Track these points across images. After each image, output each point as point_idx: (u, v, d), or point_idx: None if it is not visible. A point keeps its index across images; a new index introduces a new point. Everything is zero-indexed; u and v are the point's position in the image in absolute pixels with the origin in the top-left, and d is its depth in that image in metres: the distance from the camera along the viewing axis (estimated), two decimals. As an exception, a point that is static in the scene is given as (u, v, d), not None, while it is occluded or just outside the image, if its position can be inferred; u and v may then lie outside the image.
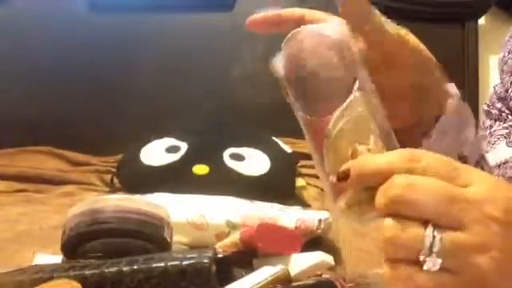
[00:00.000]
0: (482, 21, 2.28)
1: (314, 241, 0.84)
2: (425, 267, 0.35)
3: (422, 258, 0.35)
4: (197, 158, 1.65)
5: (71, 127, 2.11)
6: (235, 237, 0.50)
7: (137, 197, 0.47)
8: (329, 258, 0.47)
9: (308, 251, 0.53)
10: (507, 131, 0.74)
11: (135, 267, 0.41)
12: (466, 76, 2.21)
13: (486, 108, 0.80)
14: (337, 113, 0.40)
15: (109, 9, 2.19)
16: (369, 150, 0.39)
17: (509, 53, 0.76)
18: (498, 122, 0.77)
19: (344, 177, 0.39)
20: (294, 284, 0.43)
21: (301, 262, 0.45)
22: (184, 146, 1.73)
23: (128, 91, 2.17)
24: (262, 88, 2.23)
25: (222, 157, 1.66)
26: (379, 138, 0.39)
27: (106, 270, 0.41)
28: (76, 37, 2.16)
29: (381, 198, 0.37)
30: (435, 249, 0.35)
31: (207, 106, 2.13)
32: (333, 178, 0.40)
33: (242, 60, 2.20)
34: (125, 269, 0.41)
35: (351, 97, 0.39)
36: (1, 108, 2.11)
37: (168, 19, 2.20)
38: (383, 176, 0.37)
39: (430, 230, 0.35)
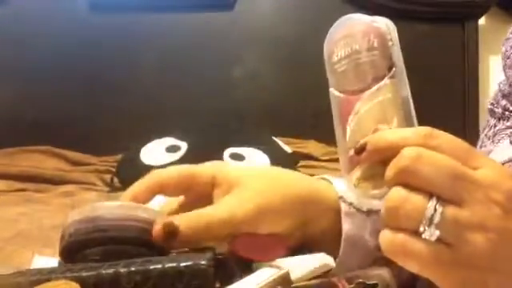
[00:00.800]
0: (482, 21, 2.28)
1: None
2: (423, 236, 0.36)
3: (421, 228, 0.36)
4: (197, 158, 1.64)
5: (71, 127, 2.11)
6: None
7: (136, 203, 0.47)
8: (331, 260, 0.46)
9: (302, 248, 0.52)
10: (511, 130, 0.75)
11: (132, 269, 0.41)
12: (466, 76, 2.21)
13: (489, 107, 0.80)
14: (366, 94, 0.42)
15: (109, 9, 2.19)
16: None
17: (511, 47, 0.77)
18: (501, 121, 0.77)
19: (361, 150, 0.40)
20: (295, 285, 0.43)
21: (303, 265, 0.45)
22: (184, 146, 1.73)
23: (128, 91, 2.17)
24: (262, 88, 2.23)
25: (222, 156, 1.66)
26: (403, 122, 0.41)
27: (104, 272, 0.41)
28: (76, 37, 2.16)
29: (390, 168, 0.38)
30: (435, 221, 0.36)
31: (207, 106, 2.14)
32: (351, 151, 0.42)
33: (242, 59, 2.20)
34: (122, 270, 0.41)
35: (382, 82, 0.42)
36: (1, 108, 2.11)
37: (168, 19, 2.20)
38: (397, 149, 0.38)
39: (432, 202, 0.36)
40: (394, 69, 0.42)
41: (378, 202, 0.40)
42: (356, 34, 0.43)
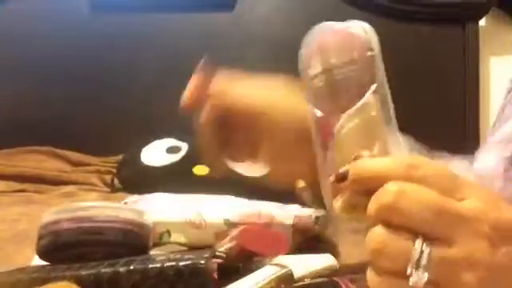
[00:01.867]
0: (482, 22, 2.27)
1: (312, 238, 0.84)
2: (410, 282, 0.34)
3: (408, 270, 0.34)
4: (197, 159, 1.65)
5: (72, 127, 2.11)
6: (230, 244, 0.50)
7: (122, 204, 0.47)
8: (335, 261, 0.46)
9: (306, 249, 0.52)
10: None
11: (131, 268, 0.41)
12: (467, 77, 2.21)
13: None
14: (347, 113, 0.39)
15: (109, 8, 2.19)
16: (372, 157, 0.39)
17: None
18: None
19: (342, 178, 0.38)
20: (298, 284, 0.43)
21: (307, 264, 0.45)
22: (184, 147, 1.73)
23: (129, 91, 2.17)
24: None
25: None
26: (387, 145, 0.39)
27: (103, 271, 0.41)
28: (76, 36, 2.16)
29: (372, 204, 0.36)
30: (423, 262, 0.34)
31: (208, 107, 2.13)
32: (332, 177, 0.39)
33: (242, 60, 2.20)
34: (121, 269, 0.41)
35: (364, 99, 0.39)
36: (1, 108, 2.11)
37: (168, 19, 2.20)
38: (379, 181, 0.36)
39: (418, 242, 0.35)
40: (375, 84, 0.39)
41: None
42: (332, 46, 0.40)
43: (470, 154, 0.74)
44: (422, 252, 0.34)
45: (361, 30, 0.40)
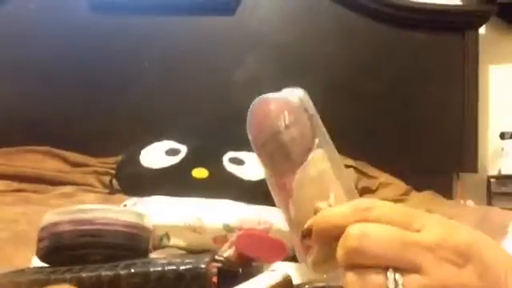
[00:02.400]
0: (482, 30, 2.28)
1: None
2: None
3: None
4: (196, 162, 1.65)
5: (71, 128, 2.11)
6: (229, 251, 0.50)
7: (122, 207, 0.47)
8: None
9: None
10: None
11: (132, 271, 0.41)
12: (466, 85, 2.22)
13: None
14: (299, 172, 0.42)
15: (109, 10, 2.19)
16: (330, 206, 0.41)
17: None
18: None
19: (307, 234, 0.40)
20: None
21: (306, 271, 0.46)
22: (184, 149, 1.73)
23: (128, 93, 2.17)
24: (262, 92, 2.23)
25: (221, 161, 1.66)
26: (342, 192, 0.41)
27: (103, 273, 0.41)
28: (76, 37, 2.17)
29: (340, 250, 0.37)
30: None
31: (208, 110, 2.14)
32: (298, 237, 0.41)
33: (243, 64, 2.20)
34: (122, 272, 0.41)
35: (310, 156, 0.42)
36: (1, 108, 2.11)
37: (169, 22, 2.20)
38: (340, 229, 0.38)
39: (391, 274, 0.36)
40: (317, 140, 0.42)
41: None
42: (271, 115, 0.44)
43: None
44: (396, 284, 0.36)
45: (296, 96, 0.44)
